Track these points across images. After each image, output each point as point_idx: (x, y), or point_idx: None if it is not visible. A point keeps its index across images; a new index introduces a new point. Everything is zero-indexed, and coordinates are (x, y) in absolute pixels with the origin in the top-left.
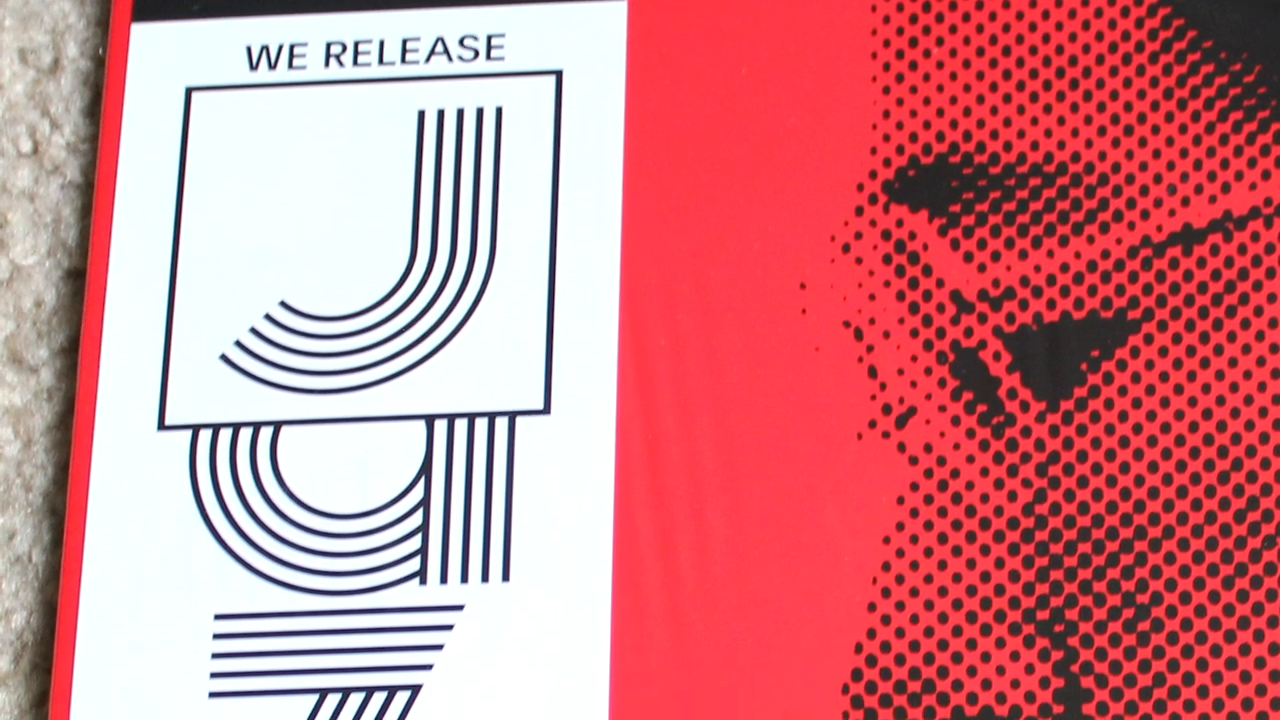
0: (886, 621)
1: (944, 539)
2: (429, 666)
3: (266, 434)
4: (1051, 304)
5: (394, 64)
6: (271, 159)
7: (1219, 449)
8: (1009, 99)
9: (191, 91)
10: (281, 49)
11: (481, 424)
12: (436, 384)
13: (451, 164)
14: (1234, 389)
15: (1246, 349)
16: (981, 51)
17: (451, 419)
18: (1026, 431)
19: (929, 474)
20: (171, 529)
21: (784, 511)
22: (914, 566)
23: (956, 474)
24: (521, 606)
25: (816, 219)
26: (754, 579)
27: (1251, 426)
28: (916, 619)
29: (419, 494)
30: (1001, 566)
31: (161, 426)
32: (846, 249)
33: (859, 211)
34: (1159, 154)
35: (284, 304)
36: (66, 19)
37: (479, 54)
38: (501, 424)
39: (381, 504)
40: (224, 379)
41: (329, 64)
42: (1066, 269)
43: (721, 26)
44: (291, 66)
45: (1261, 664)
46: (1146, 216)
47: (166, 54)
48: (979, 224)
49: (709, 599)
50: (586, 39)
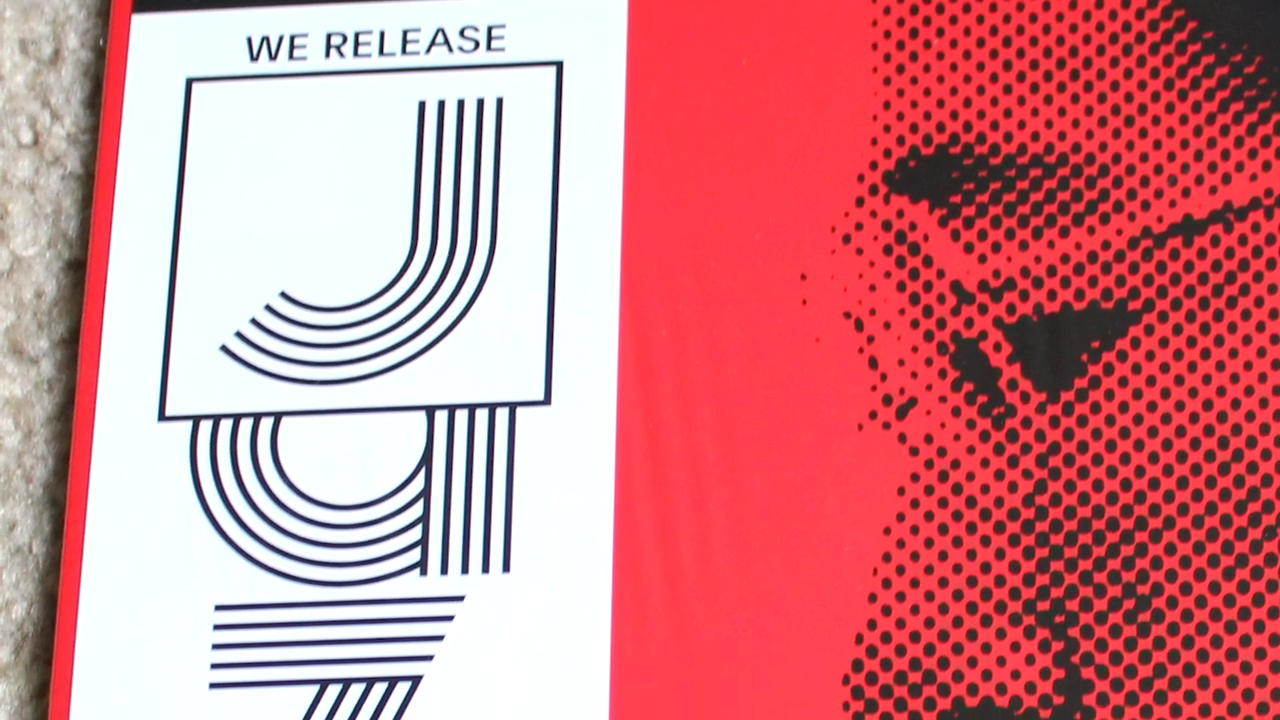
0: (887, 612)
1: (944, 530)
2: (429, 657)
3: (267, 425)
4: (1052, 295)
5: (394, 55)
6: (272, 150)
7: (1220, 440)
8: (1009, 90)
9: (192, 82)
10: (282, 40)
11: (482, 415)
12: (437, 375)
13: (452, 155)
14: (1234, 380)
15: (1247, 340)
16: (982, 42)
17: (452, 410)
18: (1027, 422)
19: (929, 465)
20: (172, 520)
21: (784, 502)
22: (914, 557)
23: (957, 465)
24: (522, 597)
25: (817, 210)
26: (754, 570)
27: (1252, 417)
28: (917, 610)
29: (419, 485)
30: (1002, 557)
31: (162, 417)
32: (847, 240)
33: (859, 202)
34: (1159, 145)
35: (284, 295)
36: (67, 10)
37: (479, 45)
38: (502, 415)
39: (382, 495)
40: (224, 370)
41: (329, 55)
42: (1067, 260)
43: (722, 17)
44: (292, 57)
45: (1262, 655)
46: (1147, 207)
47: (167, 45)
48: (980, 215)
49: (710, 590)
50: (587, 30)
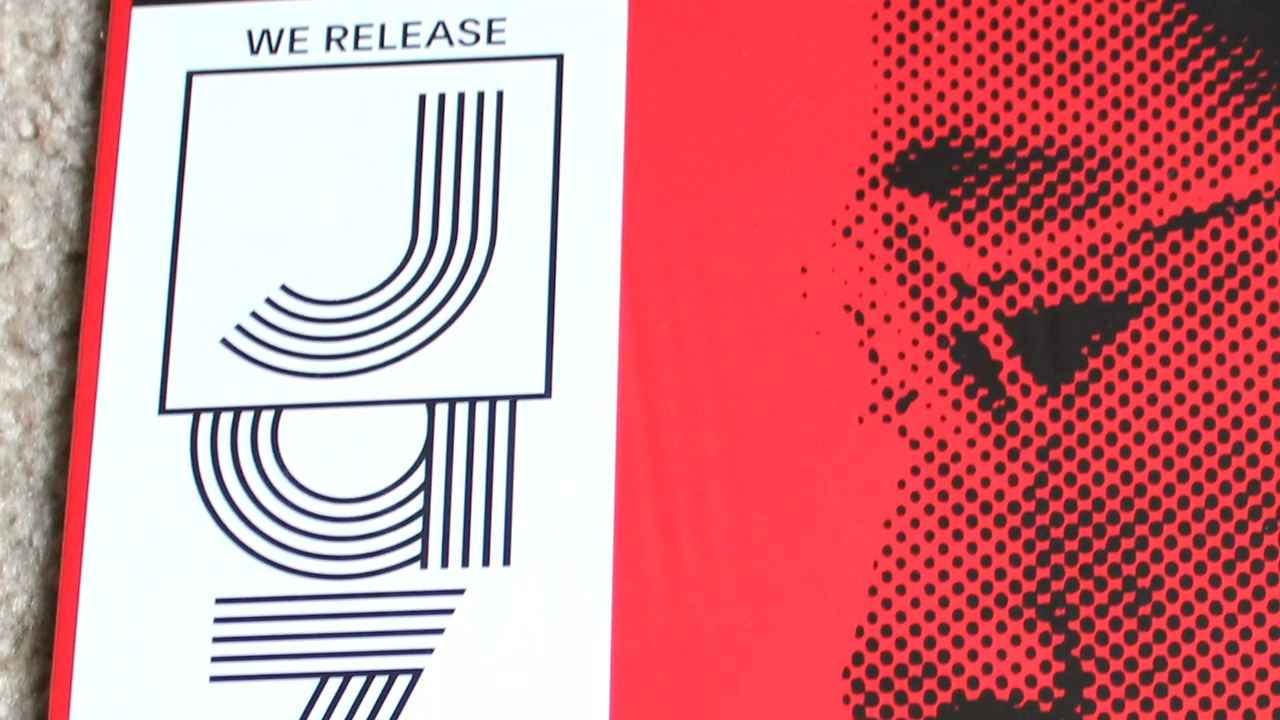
0: (887, 605)
1: (945, 523)
2: (430, 650)
3: (267, 418)
4: (1053, 288)
5: (395, 48)
6: (272, 143)
7: (1220, 433)
8: (1010, 83)
9: (192, 75)
10: (282, 33)
11: (482, 408)
12: (437, 368)
13: (452, 148)
14: (1235, 373)
15: (1247, 333)
16: (983, 35)
17: (452, 403)
18: (1027, 415)
19: (930, 458)
20: (172, 513)
21: (785, 495)
22: (915, 550)
23: (957, 458)
24: (522, 591)
25: (817, 203)
26: (755, 563)
27: (1253, 410)
28: (917, 603)
29: (420, 478)
30: (1002, 550)
31: (162, 411)
32: (847, 233)
33: (860, 195)
34: (1160, 138)
35: (285, 288)
36: (67, 3)
37: (480, 38)
38: (502, 408)
39: (382, 488)
40: (225, 363)
41: (330, 48)
42: (1067, 253)
43: (722, 10)
44: (292, 50)
45: (1263, 647)
46: (1147, 200)
47: (167, 38)
48: (980, 208)
49: (710, 583)
50: (587, 23)
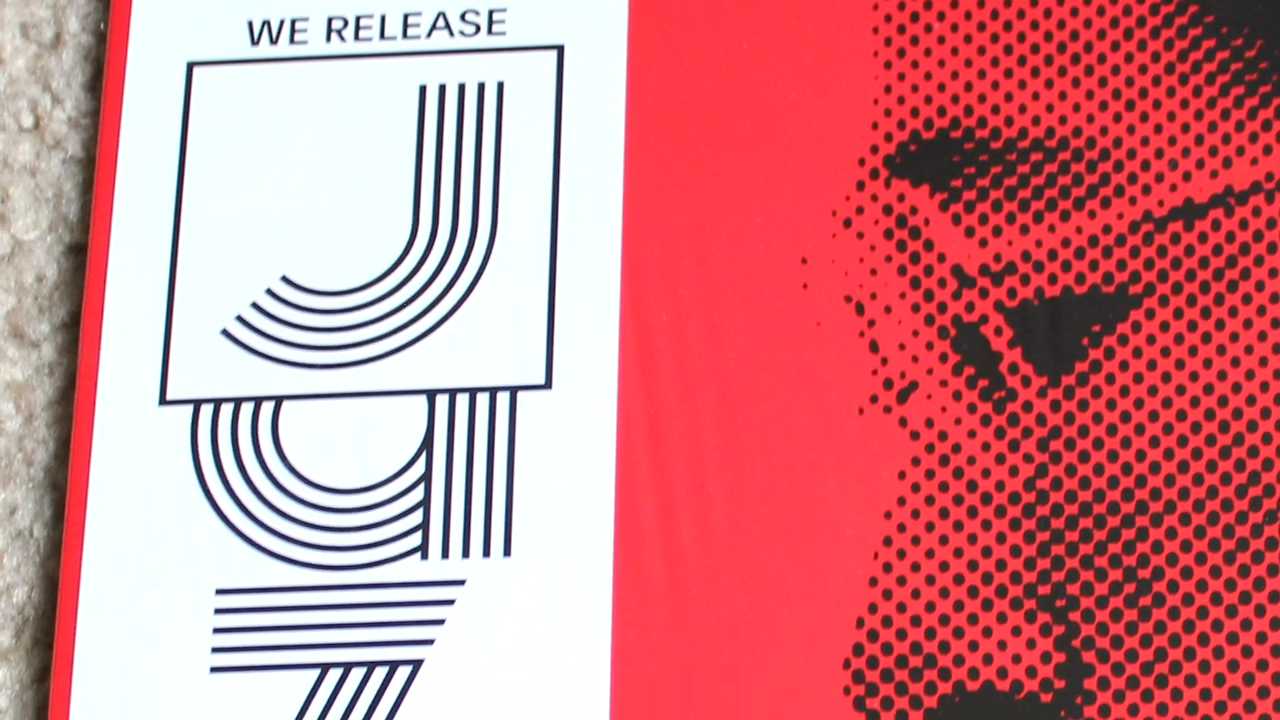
0: (888, 596)
1: (945, 514)
2: (430, 641)
3: (268, 409)
4: (1053, 279)
5: (395, 39)
6: (273, 134)
7: (1220, 424)
8: (1011, 74)
9: (193, 66)
10: (283, 24)
11: (483, 399)
12: (438, 359)
13: (453, 139)
14: (1235, 364)
15: (1248, 324)
16: (983, 26)
17: (453, 394)
18: (1028, 406)
19: (930, 449)
20: (173, 504)
21: (785, 486)
22: (915, 541)
23: (958, 449)
24: (523, 581)
25: (818, 194)
26: (755, 554)
27: (1253, 401)
28: (918, 594)
29: (420, 469)
30: (1003, 541)
31: (163, 401)
32: (848, 224)
33: (860, 186)
34: (1161, 129)
35: (285, 279)
36: None
37: (480, 29)
38: (503, 399)
39: (383, 479)
40: (225, 354)
41: (330, 39)
42: (1068, 244)
43: (723, 1)
44: (293, 41)
45: (1263, 639)
46: (1148, 191)
47: (168, 28)
48: (981, 199)
49: (710, 574)
50: (588, 14)
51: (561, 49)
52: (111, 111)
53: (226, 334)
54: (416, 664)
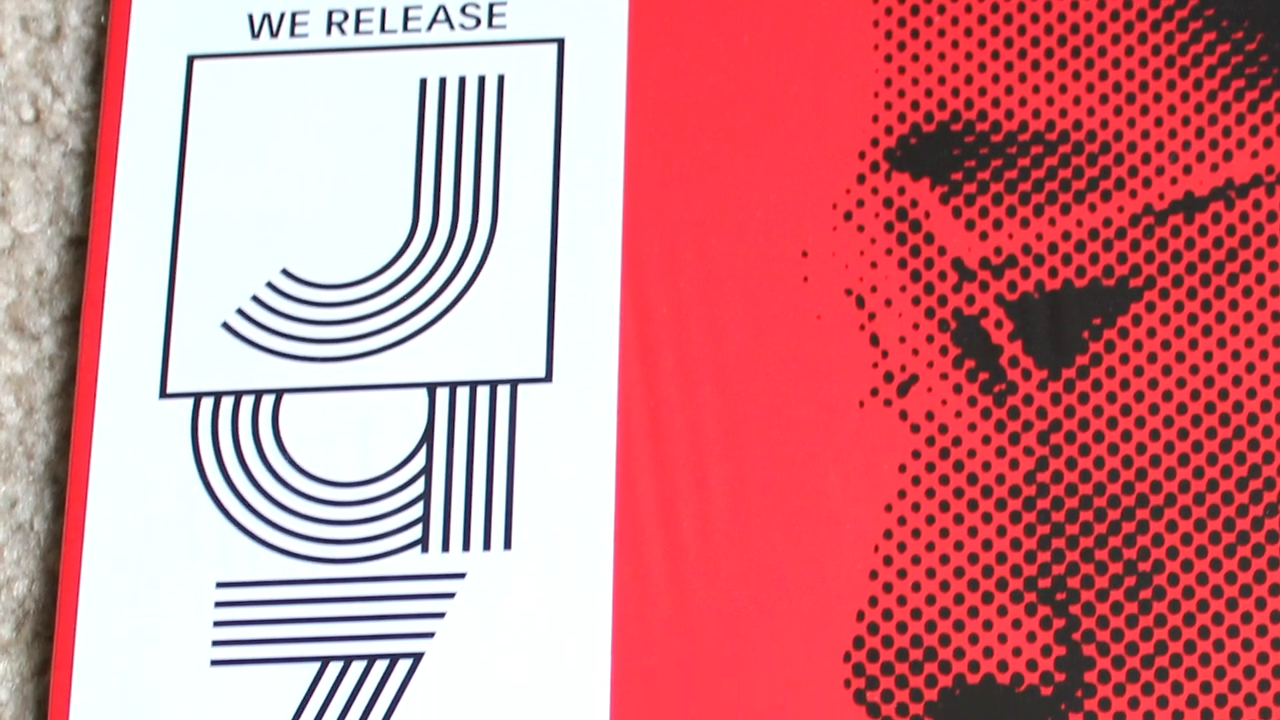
0: (888, 589)
1: (946, 506)
2: (431, 635)
3: (268, 402)
4: (1054, 272)
5: (396, 32)
6: (273, 127)
7: (1221, 416)
8: (1011, 66)
9: (193, 59)
10: (283, 17)
11: (483, 392)
12: (438, 352)
13: (453, 132)
14: (1236, 356)
15: (1249, 317)
16: (984, 19)
17: (453, 387)
18: (1028, 399)
19: (931, 442)
20: (173, 497)
21: (786, 479)
22: (916, 534)
23: (958, 442)
24: (523, 574)
25: (818, 187)
26: (756, 547)
27: (1254, 394)
28: (918, 586)
29: (421, 462)
30: (1004, 534)
31: (163, 394)
32: (848, 217)
33: (861, 179)
34: (1161, 122)
35: (286, 272)
36: None
37: (480, 22)
38: (503, 392)
39: (383, 472)
40: (226, 347)
41: (331, 32)
42: (1069, 237)
43: None
44: (293, 34)
45: (1264, 631)
46: (1149, 184)
47: (168, 22)
48: (981, 192)
49: (711, 567)
50: (588, 7)
51: (562, 42)
52: (112, 105)
53: (227, 327)
54: (417, 657)
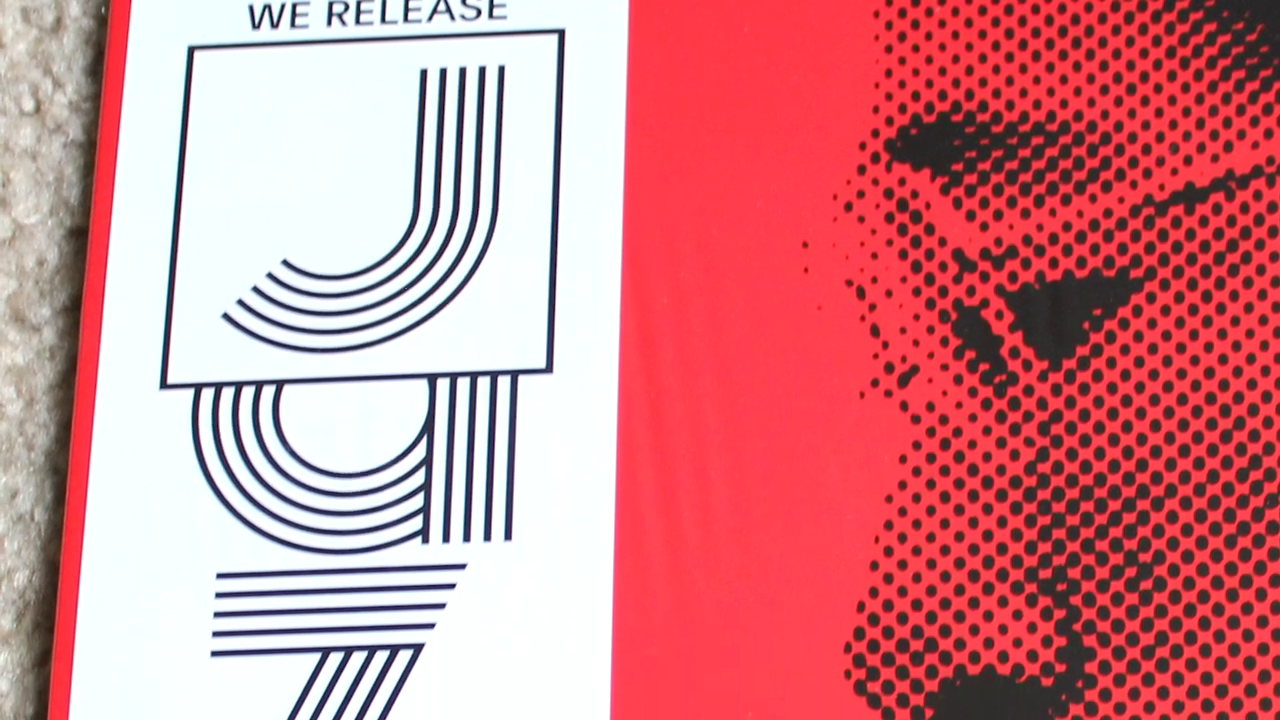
0: (889, 580)
1: (946, 497)
2: (431, 625)
3: (269, 393)
4: (1054, 263)
5: (396, 23)
6: (274, 118)
7: (1221, 407)
8: (1012, 57)
9: (194, 50)
10: (284, 8)
11: (484, 383)
12: (439, 343)
13: (454, 123)
14: (1236, 347)
15: (1249, 307)
16: (985, 10)
17: (454, 378)
18: (1029, 390)
19: (931, 432)
20: (174, 488)
21: (786, 470)
22: (916, 525)
23: (959, 432)
24: (524, 565)
25: (819, 177)
26: (756, 537)
27: (1254, 385)
28: (919, 577)
29: (421, 453)
30: (1004, 525)
31: (164, 385)
32: (849, 207)
33: (861, 170)
34: (1161, 112)
35: (286, 263)
36: None
37: (481, 13)
38: (504, 383)
39: (384, 463)
40: (226, 338)
41: (331, 23)
42: (1069, 227)
43: None
44: (294, 25)
45: (1264, 622)
46: (1149, 175)
47: (169, 13)
48: (981, 183)
49: (711, 557)
50: None
51: (562, 33)
52: (112, 96)
53: (227, 318)
54: (417, 648)
